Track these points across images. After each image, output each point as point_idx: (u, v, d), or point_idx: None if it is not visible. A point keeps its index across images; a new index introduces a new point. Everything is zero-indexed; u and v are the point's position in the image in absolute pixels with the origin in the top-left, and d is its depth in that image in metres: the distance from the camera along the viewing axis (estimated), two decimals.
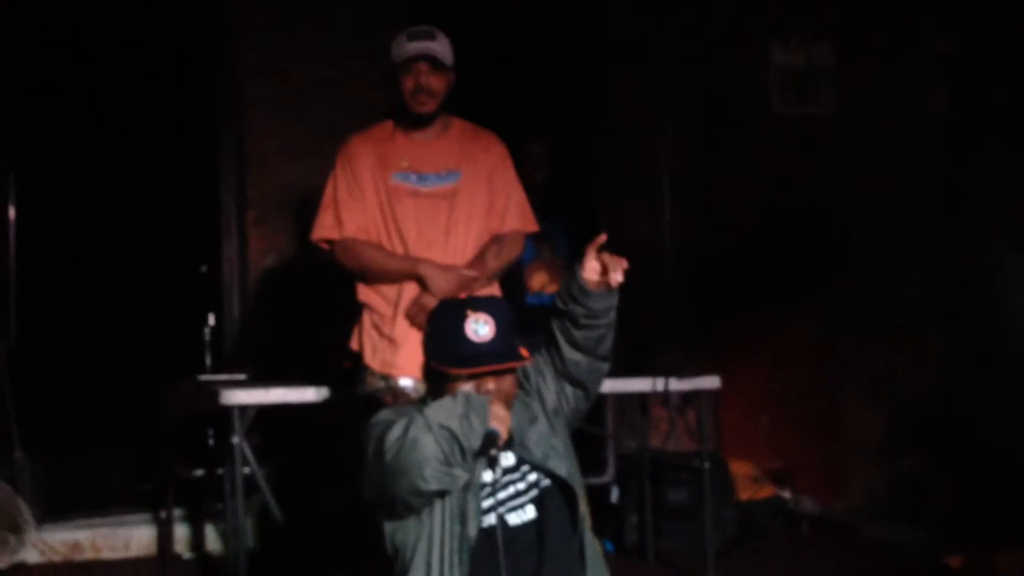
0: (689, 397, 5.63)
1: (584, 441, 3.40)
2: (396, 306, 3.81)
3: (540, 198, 4.25)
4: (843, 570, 5.48)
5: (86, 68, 7.12)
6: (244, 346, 6.08)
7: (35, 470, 5.69)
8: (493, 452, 2.70)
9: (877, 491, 6.47)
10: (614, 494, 5.87)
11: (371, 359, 3.83)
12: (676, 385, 5.11)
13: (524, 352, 2.88)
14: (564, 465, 2.93)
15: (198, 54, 6.55)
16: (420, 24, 3.89)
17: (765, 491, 6.15)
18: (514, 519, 2.86)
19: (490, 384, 2.82)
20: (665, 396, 5.30)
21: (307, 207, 4.14)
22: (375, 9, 6.11)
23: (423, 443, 2.63)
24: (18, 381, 5.85)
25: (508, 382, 2.87)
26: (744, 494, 6.02)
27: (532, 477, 2.90)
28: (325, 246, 3.94)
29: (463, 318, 2.85)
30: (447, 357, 2.85)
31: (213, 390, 4.68)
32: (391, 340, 3.80)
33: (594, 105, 6.90)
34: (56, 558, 5.57)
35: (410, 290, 3.79)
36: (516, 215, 3.99)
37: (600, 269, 2.92)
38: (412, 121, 3.90)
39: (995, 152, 6.43)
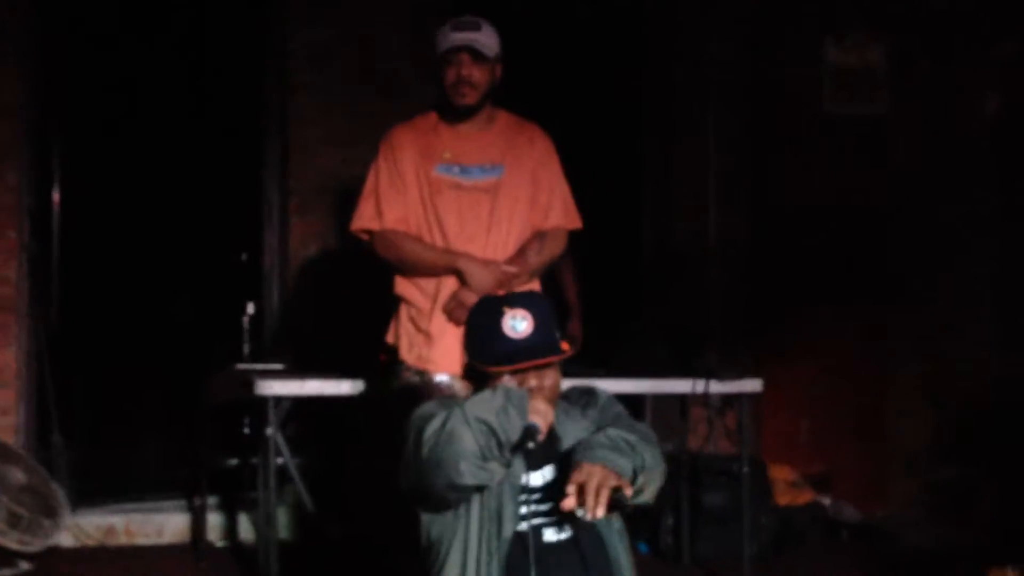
0: (729, 399, 5.55)
1: None
2: (434, 300, 3.76)
3: None
4: None
5: (129, 55, 7.11)
6: (283, 335, 6.08)
7: (71, 454, 5.72)
8: (531, 445, 2.64)
9: (919, 499, 6.39)
10: None
11: (407, 353, 3.79)
12: (717, 387, 5.03)
13: (565, 345, 2.83)
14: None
15: (244, 40, 6.54)
16: (467, 15, 3.82)
17: (804, 496, 6.07)
18: (550, 535, 2.78)
19: (532, 381, 2.77)
20: (705, 398, 5.22)
21: (350, 197, 4.09)
22: None
23: (460, 437, 2.59)
24: (57, 365, 5.87)
25: (550, 377, 2.81)
26: (783, 499, 5.94)
27: None
28: (365, 237, 3.88)
29: (500, 315, 2.80)
30: (486, 355, 2.81)
31: (249, 380, 4.65)
32: (428, 335, 3.75)
33: (644, 101, 6.85)
34: (90, 543, 5.60)
35: (449, 284, 3.74)
36: (560, 211, 3.93)
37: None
38: (456, 113, 3.83)
39: None
